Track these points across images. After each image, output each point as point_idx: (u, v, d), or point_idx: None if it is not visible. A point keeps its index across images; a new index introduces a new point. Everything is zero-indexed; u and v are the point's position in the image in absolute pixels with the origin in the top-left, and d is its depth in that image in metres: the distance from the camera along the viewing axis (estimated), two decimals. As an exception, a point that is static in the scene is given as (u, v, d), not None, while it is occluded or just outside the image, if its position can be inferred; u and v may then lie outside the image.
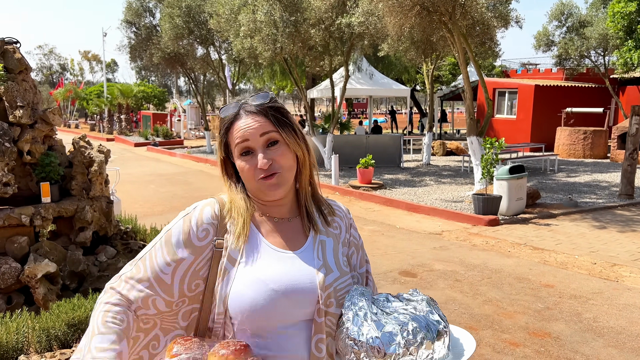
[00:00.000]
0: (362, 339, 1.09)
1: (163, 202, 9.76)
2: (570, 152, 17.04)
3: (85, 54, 74.75)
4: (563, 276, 5.49)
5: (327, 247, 1.31)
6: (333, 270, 1.27)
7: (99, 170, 4.55)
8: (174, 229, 1.28)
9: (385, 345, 1.06)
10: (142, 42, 19.10)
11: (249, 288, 1.20)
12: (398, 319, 1.10)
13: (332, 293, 1.24)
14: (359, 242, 1.43)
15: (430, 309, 1.15)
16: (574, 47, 19.13)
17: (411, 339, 1.07)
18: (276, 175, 1.24)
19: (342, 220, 1.40)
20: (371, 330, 1.08)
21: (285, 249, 1.28)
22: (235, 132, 1.26)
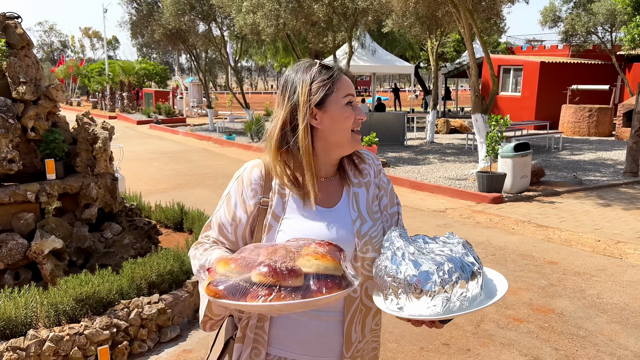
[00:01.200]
0: (401, 276, 1.14)
1: (167, 180, 9.77)
2: (575, 129, 16.94)
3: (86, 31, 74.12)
4: (567, 253, 5.50)
5: (360, 198, 1.44)
6: (367, 220, 1.41)
7: (103, 147, 4.54)
8: (231, 191, 1.44)
9: (423, 283, 1.12)
10: (144, 18, 18.87)
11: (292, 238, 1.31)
12: (435, 260, 1.15)
13: (368, 240, 1.38)
14: (387, 186, 1.54)
15: (465, 251, 1.21)
16: (581, 23, 18.85)
17: (447, 278, 1.12)
18: None
19: (370, 167, 1.52)
20: (409, 268, 1.14)
21: (325, 206, 1.39)
22: (346, 83, 1.38)
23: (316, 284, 1.08)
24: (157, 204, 6.25)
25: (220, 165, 11.43)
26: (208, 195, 8.43)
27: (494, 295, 1.20)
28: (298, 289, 1.06)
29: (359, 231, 1.38)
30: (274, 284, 1.06)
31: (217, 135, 17.05)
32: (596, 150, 13.34)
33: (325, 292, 1.07)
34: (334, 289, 1.08)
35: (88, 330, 3.27)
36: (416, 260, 1.16)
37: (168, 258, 4.05)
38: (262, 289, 1.05)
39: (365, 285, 1.38)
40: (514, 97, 20.22)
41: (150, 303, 3.67)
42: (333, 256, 1.13)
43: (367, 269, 1.37)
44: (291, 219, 1.37)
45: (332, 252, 1.15)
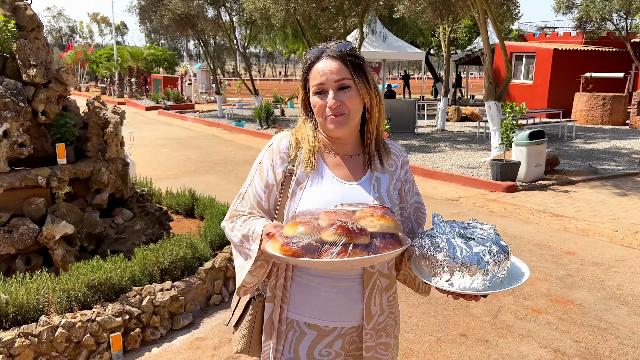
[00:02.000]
0: (458, 255, 1.29)
1: (177, 166, 9.72)
2: (589, 118, 16.69)
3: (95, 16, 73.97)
4: (584, 243, 5.40)
5: (382, 183, 1.51)
6: (385, 202, 1.47)
7: (114, 132, 4.47)
8: (263, 160, 1.53)
9: (477, 263, 1.27)
10: (152, 3, 18.72)
11: (313, 205, 1.40)
12: (483, 242, 1.31)
13: None
14: (411, 178, 1.62)
15: (497, 234, 1.37)
16: (596, 9, 18.51)
17: (496, 258, 1.29)
18: (343, 116, 1.42)
19: (397, 158, 1.59)
20: (464, 250, 1.29)
21: (346, 179, 1.48)
22: (314, 73, 1.44)
23: (380, 241, 1.21)
24: (168, 190, 6.20)
25: (230, 152, 11.37)
26: (218, 181, 8.37)
27: (520, 275, 1.36)
28: (366, 246, 1.19)
29: None
30: (347, 243, 1.17)
31: (226, 121, 16.97)
32: (610, 139, 13.14)
33: (390, 248, 1.21)
34: (396, 245, 1.23)
35: (100, 317, 3.23)
36: (468, 243, 1.31)
37: (180, 244, 4.00)
38: (336, 247, 1.17)
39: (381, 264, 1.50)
40: (526, 84, 19.95)
41: (162, 290, 3.62)
42: (391, 217, 1.28)
43: None
44: (312, 188, 1.45)
45: (389, 213, 1.30)
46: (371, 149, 1.52)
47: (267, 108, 15.58)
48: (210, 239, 4.47)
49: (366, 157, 1.52)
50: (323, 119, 1.44)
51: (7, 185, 3.92)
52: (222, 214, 5.00)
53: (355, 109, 1.44)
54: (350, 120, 1.43)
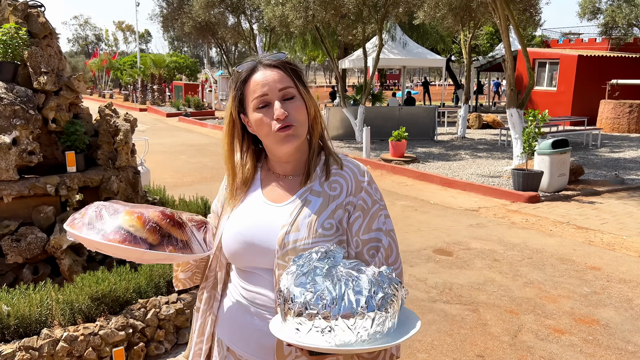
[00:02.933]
0: (282, 287, 1.10)
1: (193, 173, 9.70)
2: (614, 126, 16.25)
3: (120, 25, 75.36)
4: (610, 258, 5.15)
5: (310, 206, 1.30)
6: (300, 229, 1.27)
7: (124, 140, 4.42)
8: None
9: (290, 300, 1.07)
10: (174, 11, 18.95)
11: (228, 229, 1.36)
12: (316, 284, 1.06)
13: (292, 251, 1.25)
14: (369, 208, 1.33)
15: (368, 287, 1.06)
16: (622, 15, 18.12)
17: (312, 302, 1.04)
18: (292, 128, 1.27)
19: (347, 182, 1.34)
20: (291, 282, 1.09)
21: (273, 201, 1.35)
22: (253, 85, 1.28)
23: (112, 232, 1.21)
24: (182, 197, 6.14)
25: (247, 159, 11.30)
26: (233, 189, 8.30)
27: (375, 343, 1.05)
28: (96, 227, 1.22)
29: (282, 238, 1.27)
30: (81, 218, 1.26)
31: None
32: (637, 148, 12.74)
33: (112, 239, 1.20)
34: (115, 240, 1.20)
35: (103, 330, 3.14)
36: (306, 278, 1.08)
37: (188, 256, 3.90)
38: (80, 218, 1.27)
39: None
40: (549, 91, 19.56)
41: (168, 303, 3.53)
42: (146, 220, 1.23)
43: None
44: (239, 209, 1.39)
45: (158, 220, 1.25)
46: (312, 166, 1.35)
47: (286, 115, 15.51)
48: (220, 249, 4.37)
49: (304, 176, 1.35)
50: (271, 134, 1.27)
51: (16, 194, 3.88)
52: (233, 224, 4.90)
53: (303, 121, 1.29)
54: (299, 133, 1.29)
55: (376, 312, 1.04)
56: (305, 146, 1.36)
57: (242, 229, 1.34)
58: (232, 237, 1.35)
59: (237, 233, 1.34)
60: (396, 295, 1.09)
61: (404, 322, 1.12)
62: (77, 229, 1.24)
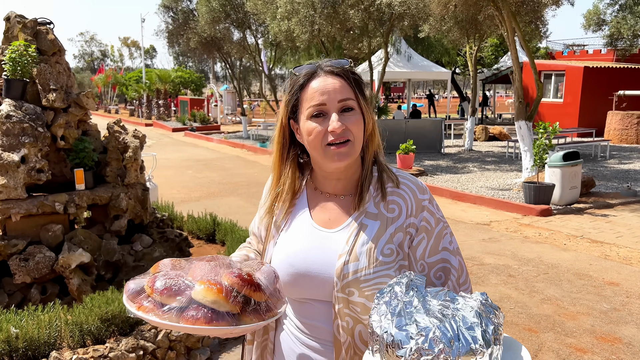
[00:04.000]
0: (379, 331, 0.99)
1: (200, 188, 9.65)
2: (622, 137, 16.13)
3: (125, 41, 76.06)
4: (628, 273, 5.04)
5: (366, 231, 1.19)
6: (359, 258, 1.16)
7: (133, 156, 4.37)
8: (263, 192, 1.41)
9: (396, 346, 0.95)
10: (180, 26, 19.05)
11: (278, 258, 1.25)
12: (424, 322, 0.96)
13: (353, 282, 1.15)
14: (433, 228, 1.22)
15: (477, 320, 0.96)
16: (627, 26, 18.06)
17: (426, 348, 0.92)
18: (348, 144, 1.16)
19: (406, 201, 1.22)
20: (390, 325, 0.97)
21: (324, 226, 1.24)
22: (311, 92, 1.18)
23: (189, 309, 1.06)
24: (190, 213, 6.08)
25: (254, 173, 11.27)
26: (241, 204, 8.24)
27: None
28: (173, 308, 1.06)
29: (341, 269, 1.16)
30: (149, 295, 1.09)
31: (251, 142, 16.97)
32: (647, 159, 12.62)
33: (189, 320, 1.04)
34: (200, 321, 1.04)
35: (113, 352, 3.06)
36: (406, 317, 0.97)
37: (199, 274, 3.83)
38: (145, 297, 1.10)
39: (358, 330, 1.19)
40: (555, 103, 19.48)
41: (179, 323, 3.45)
42: (223, 289, 1.07)
43: (357, 312, 1.17)
44: (287, 234, 1.28)
45: (233, 285, 1.09)
46: (365, 185, 1.23)
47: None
48: (230, 267, 4.29)
49: (356, 197, 1.23)
50: (322, 148, 1.17)
51: (24, 212, 3.83)
52: (243, 240, 4.83)
53: (360, 136, 1.18)
54: (355, 149, 1.18)
55: (492, 347, 0.95)
56: (357, 163, 1.25)
57: (293, 258, 1.23)
58: (283, 267, 1.24)
59: (288, 265, 1.23)
60: (500, 323, 1.00)
61: (508, 348, 1.05)
62: (148, 311, 1.07)
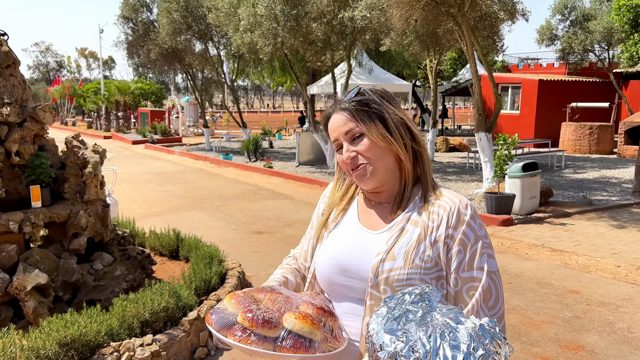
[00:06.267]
0: (370, 331, 1.05)
1: (162, 202, 9.43)
2: (576, 147, 16.74)
3: (82, 51, 74.25)
4: (588, 281, 5.19)
5: (407, 235, 1.28)
6: (396, 258, 1.25)
7: (93, 172, 4.23)
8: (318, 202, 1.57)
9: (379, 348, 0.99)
10: (140, 38, 18.71)
11: (321, 255, 1.39)
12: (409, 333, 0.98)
13: (386, 280, 1.23)
14: (469, 243, 1.25)
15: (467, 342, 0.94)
16: (578, 41, 18.82)
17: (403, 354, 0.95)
18: (362, 167, 1.30)
19: (447, 213, 1.28)
20: (381, 328, 1.02)
21: (370, 228, 1.35)
22: (330, 132, 1.36)
23: (286, 340, 1.16)
24: (152, 229, 5.92)
25: (217, 186, 11.11)
26: (205, 218, 8.09)
27: None
28: (269, 339, 1.16)
29: (377, 266, 1.25)
30: (248, 328, 1.17)
31: (214, 154, 16.76)
32: (599, 169, 13.11)
33: (290, 349, 1.14)
34: (300, 350, 1.15)
35: (73, 379, 2.92)
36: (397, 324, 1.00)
37: (163, 293, 3.71)
38: (240, 329, 1.18)
39: None
40: (512, 115, 20.08)
41: (142, 345, 3.32)
42: (315, 320, 1.19)
43: None
44: (334, 234, 1.40)
45: (319, 316, 1.21)
46: (405, 194, 1.34)
47: (256, 140, 15.42)
48: (195, 285, 4.19)
49: (397, 204, 1.34)
50: (350, 174, 1.35)
51: (-24, 232, 3.63)
52: (208, 257, 4.73)
53: (376, 156, 1.30)
54: (374, 170, 1.30)
55: None
56: (393, 176, 1.35)
57: (336, 253, 1.35)
58: (326, 261, 1.36)
59: (330, 257, 1.36)
60: (499, 353, 0.96)
61: None
62: (243, 341, 1.16)
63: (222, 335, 1.18)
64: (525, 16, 12.16)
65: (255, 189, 10.81)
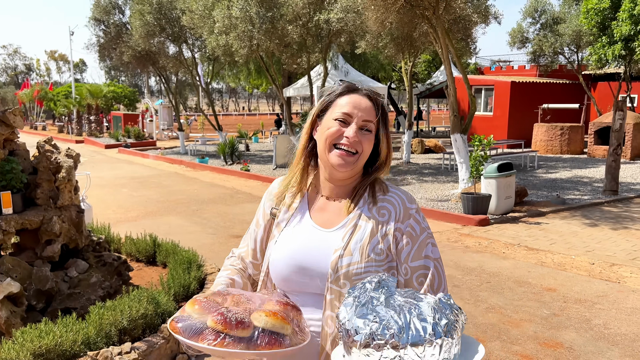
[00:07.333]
0: (343, 320, 1.10)
1: (137, 207, 9.27)
2: (548, 148, 17.08)
3: (52, 54, 72.75)
4: (564, 278, 5.27)
5: (360, 231, 1.35)
6: (353, 253, 1.31)
7: (67, 177, 4.12)
8: (262, 199, 1.56)
9: (354, 332, 1.06)
10: (112, 40, 18.39)
11: (277, 253, 1.39)
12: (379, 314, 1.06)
13: (345, 275, 1.29)
14: (417, 235, 1.37)
15: (431, 314, 1.06)
16: (548, 43, 19.21)
17: (378, 333, 1.03)
18: (355, 156, 1.34)
19: (395, 208, 1.38)
20: (353, 315, 1.09)
21: (322, 226, 1.39)
22: (346, 101, 1.36)
23: (261, 338, 1.18)
24: (128, 235, 5.81)
25: (193, 190, 10.98)
26: (181, 223, 7.98)
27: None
28: (243, 339, 1.17)
29: (336, 262, 1.31)
30: (222, 331, 1.17)
31: (189, 158, 16.57)
32: (571, 168, 13.40)
33: (265, 346, 1.17)
34: (275, 345, 1.18)
35: (48, 390, 2.83)
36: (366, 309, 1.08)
37: (141, 300, 3.63)
38: (212, 333, 1.17)
39: None
40: (486, 116, 20.39)
41: (121, 353, 3.24)
42: (284, 315, 1.22)
43: None
44: (287, 232, 1.41)
45: (287, 311, 1.24)
46: (359, 192, 1.40)
47: (232, 143, 15.30)
48: (174, 290, 4.11)
49: (352, 201, 1.40)
50: (330, 145, 1.35)
51: (-57, 240, 3.50)
52: (186, 262, 4.66)
53: (367, 154, 1.37)
54: (358, 163, 1.36)
55: (443, 338, 1.04)
56: (359, 175, 1.42)
57: (293, 252, 1.37)
58: (283, 260, 1.37)
59: (287, 257, 1.37)
60: (458, 321, 1.09)
61: (467, 348, 1.13)
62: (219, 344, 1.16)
63: (193, 342, 1.17)
64: (497, 19, 12.38)
65: (232, 192, 10.72)
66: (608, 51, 16.17)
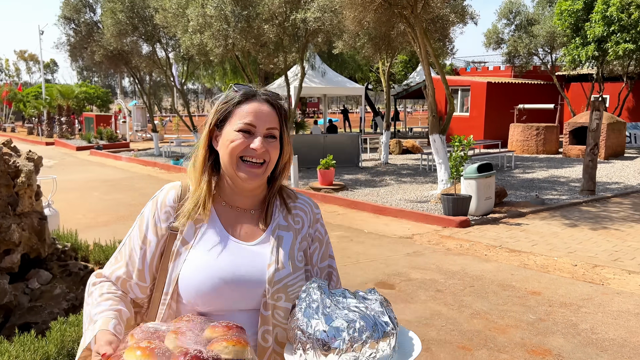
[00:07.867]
0: (310, 330, 1.10)
1: (108, 212, 8.94)
2: (524, 148, 17.20)
3: (22, 54, 70.98)
4: (547, 281, 5.19)
5: (284, 242, 1.34)
6: (285, 266, 1.30)
7: (27, 182, 3.84)
8: (145, 212, 1.38)
9: (331, 340, 1.08)
10: (83, 39, 17.89)
11: (197, 272, 1.27)
12: (347, 316, 1.11)
13: (282, 288, 1.28)
14: (324, 238, 1.44)
15: (382, 309, 1.16)
16: (523, 44, 19.40)
17: (356, 336, 1.08)
18: (263, 166, 1.30)
19: (306, 215, 1.41)
20: (319, 323, 1.10)
21: (241, 239, 1.32)
22: (245, 110, 1.29)
23: None
24: (96, 241, 5.51)
25: (168, 194, 10.65)
26: (155, 227, 7.69)
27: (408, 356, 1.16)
28: None
29: (272, 277, 1.28)
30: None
31: (163, 160, 16.20)
32: (547, 168, 13.48)
33: None
34: None
35: (2, 418, 2.58)
36: (329, 315, 1.12)
37: (108, 313, 3.38)
38: None
39: (275, 333, 1.29)
40: (462, 117, 20.47)
41: (85, 373, 2.99)
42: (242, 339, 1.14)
43: (278, 318, 1.29)
44: (200, 248, 1.30)
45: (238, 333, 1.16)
46: (272, 202, 1.38)
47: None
48: (144, 301, 3.87)
49: (266, 211, 1.36)
50: (236, 159, 1.28)
51: None
52: (158, 270, 4.41)
53: (274, 161, 1.33)
54: (267, 171, 1.32)
55: (397, 328, 1.16)
56: (265, 183, 1.38)
57: (220, 270, 1.26)
58: (207, 279, 1.25)
59: (213, 275, 1.26)
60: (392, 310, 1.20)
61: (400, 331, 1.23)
62: None
63: None
64: (474, 19, 12.37)
65: (207, 195, 10.44)
66: (581, 52, 16.39)
